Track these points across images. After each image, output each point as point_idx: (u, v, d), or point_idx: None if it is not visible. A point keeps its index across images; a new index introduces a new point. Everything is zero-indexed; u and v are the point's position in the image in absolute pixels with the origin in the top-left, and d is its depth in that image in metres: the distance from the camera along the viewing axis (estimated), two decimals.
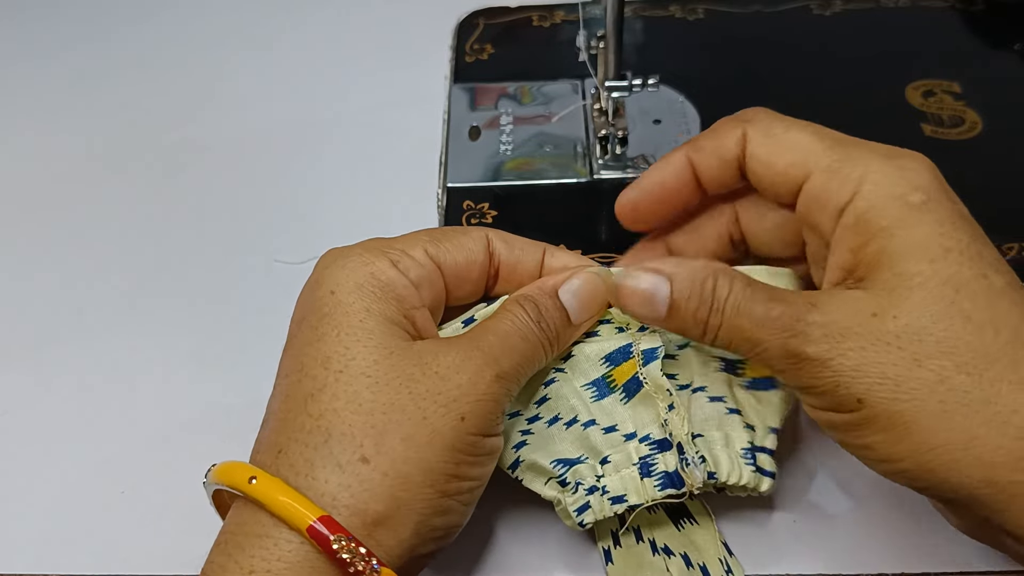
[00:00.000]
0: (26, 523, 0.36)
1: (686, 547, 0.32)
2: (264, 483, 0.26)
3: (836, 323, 0.27)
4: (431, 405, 0.27)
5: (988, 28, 0.54)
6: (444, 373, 0.28)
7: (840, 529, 0.33)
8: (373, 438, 0.27)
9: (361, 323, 0.28)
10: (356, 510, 0.26)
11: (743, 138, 0.31)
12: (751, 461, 0.31)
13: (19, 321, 0.44)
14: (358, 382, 0.27)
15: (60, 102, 0.56)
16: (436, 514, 0.27)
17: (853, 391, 0.26)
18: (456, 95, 0.53)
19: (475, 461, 0.28)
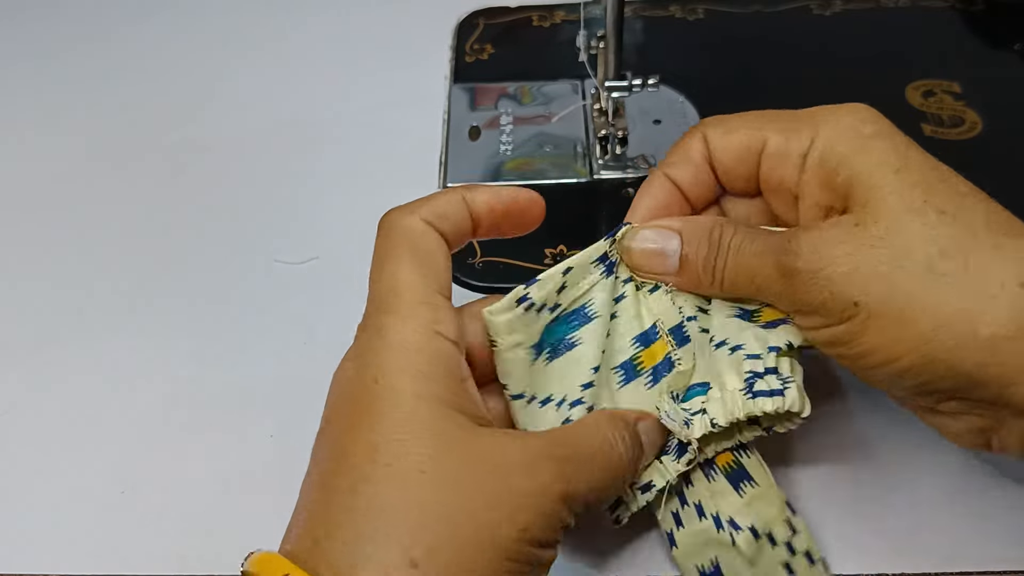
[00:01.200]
0: (26, 523, 0.36)
1: (751, 518, 0.31)
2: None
3: (822, 237, 0.28)
4: (490, 512, 0.25)
5: (988, 28, 0.54)
6: (507, 475, 0.26)
7: (840, 529, 0.33)
8: (424, 542, 0.24)
9: (412, 412, 0.26)
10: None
11: (704, 139, 0.32)
12: (748, 388, 0.30)
13: (19, 321, 0.44)
14: (410, 479, 0.25)
15: (60, 102, 0.56)
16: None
17: (848, 295, 0.27)
18: (456, 95, 0.53)
19: (532, 571, 0.26)
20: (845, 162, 0.29)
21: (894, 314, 0.27)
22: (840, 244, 0.28)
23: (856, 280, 0.27)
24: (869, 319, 0.27)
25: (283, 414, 0.38)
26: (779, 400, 0.30)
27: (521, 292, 0.30)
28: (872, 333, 0.27)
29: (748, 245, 0.30)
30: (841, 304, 0.28)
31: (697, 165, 0.33)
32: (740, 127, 0.32)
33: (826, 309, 0.28)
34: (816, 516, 0.34)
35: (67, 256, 0.46)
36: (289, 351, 0.41)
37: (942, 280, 0.27)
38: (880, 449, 0.35)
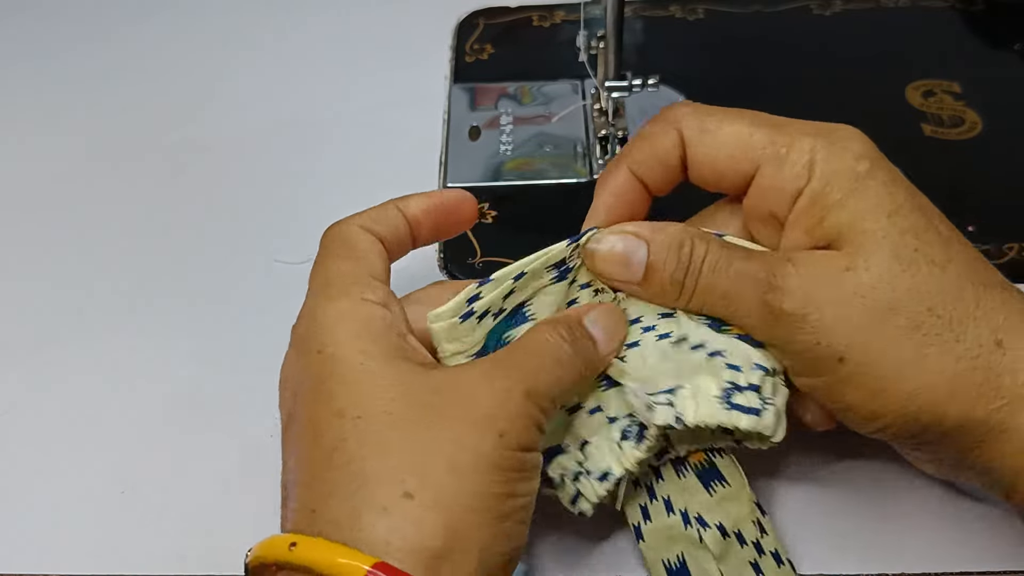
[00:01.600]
0: (26, 523, 0.36)
1: (720, 516, 0.31)
2: (305, 546, 0.24)
3: (812, 277, 0.28)
4: (464, 427, 0.26)
5: (988, 28, 0.54)
6: (469, 393, 0.27)
7: (840, 529, 0.33)
8: (413, 472, 0.25)
9: (362, 367, 0.27)
10: (412, 551, 0.24)
11: (680, 140, 0.31)
12: (726, 399, 0.29)
13: (19, 321, 0.44)
14: (380, 422, 0.26)
15: (60, 102, 0.56)
16: (497, 539, 0.26)
17: (835, 348, 0.27)
18: (456, 95, 0.53)
19: (523, 476, 0.27)
20: (839, 205, 0.28)
21: (879, 373, 0.27)
22: (829, 288, 0.27)
23: (843, 333, 0.27)
24: (852, 376, 0.27)
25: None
26: (755, 420, 0.29)
27: (473, 291, 0.30)
28: (854, 389, 0.27)
29: (725, 266, 0.29)
30: (826, 356, 0.27)
31: (670, 168, 0.32)
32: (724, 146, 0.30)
33: (809, 357, 0.28)
34: (816, 516, 0.34)
35: (67, 256, 0.46)
36: None
37: (926, 339, 0.27)
38: (880, 448, 0.35)
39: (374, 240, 0.31)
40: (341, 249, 0.31)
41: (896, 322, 0.27)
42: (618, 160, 0.33)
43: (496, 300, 0.31)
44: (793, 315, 0.27)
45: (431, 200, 0.33)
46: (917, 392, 0.27)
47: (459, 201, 0.33)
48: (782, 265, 0.28)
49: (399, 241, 0.32)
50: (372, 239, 0.31)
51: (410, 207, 0.33)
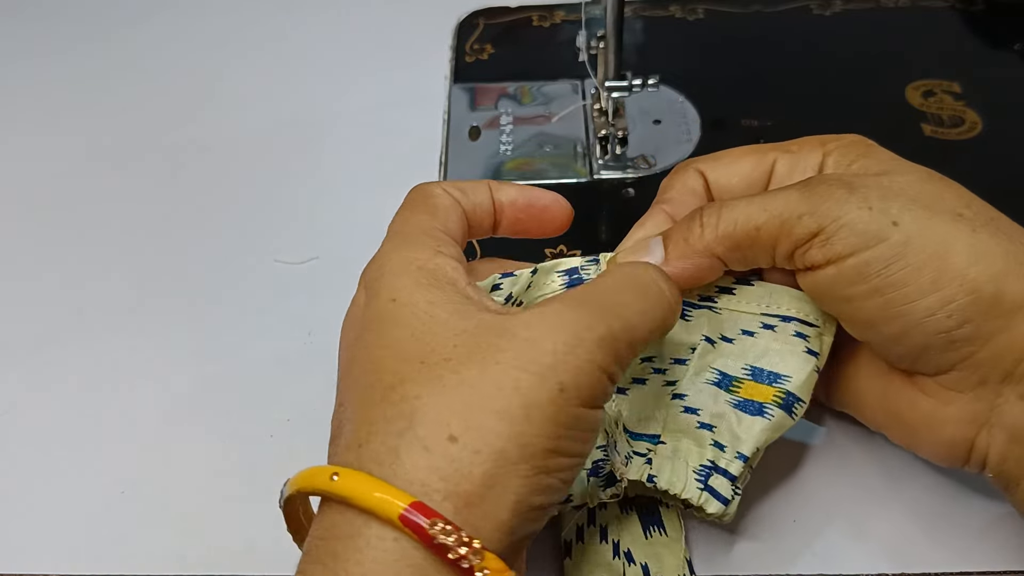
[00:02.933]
0: (26, 523, 0.36)
1: (649, 558, 0.31)
2: (347, 478, 0.24)
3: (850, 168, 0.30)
4: (522, 375, 0.25)
5: (988, 28, 0.54)
6: (535, 338, 0.25)
7: (840, 529, 0.33)
8: (461, 415, 0.24)
9: (430, 316, 0.27)
10: (448, 493, 0.24)
11: (699, 173, 0.33)
12: (703, 479, 0.30)
13: (20, 321, 0.44)
14: (440, 367, 0.25)
15: (60, 102, 0.56)
16: (535, 492, 0.25)
17: (887, 212, 0.27)
18: (456, 95, 0.53)
19: (578, 436, 0.26)
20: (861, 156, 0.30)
21: (932, 242, 0.27)
22: (872, 177, 0.28)
23: (893, 198, 0.28)
24: (909, 240, 0.27)
25: (283, 414, 0.38)
26: (722, 508, 0.30)
27: (496, 280, 0.31)
28: (913, 256, 0.27)
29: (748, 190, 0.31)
30: (880, 220, 0.27)
31: (698, 196, 0.32)
32: (739, 156, 0.32)
33: (861, 225, 0.27)
34: (816, 516, 0.34)
35: (67, 256, 0.46)
36: (289, 351, 0.41)
37: (973, 225, 0.27)
38: (881, 448, 0.35)
39: (454, 203, 0.31)
40: (422, 204, 0.31)
41: (941, 206, 0.28)
42: (650, 209, 0.33)
43: (520, 290, 0.31)
44: (839, 187, 0.28)
45: (523, 194, 0.33)
46: (976, 258, 0.27)
47: (551, 203, 0.33)
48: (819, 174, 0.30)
49: (480, 218, 0.32)
50: (454, 202, 0.31)
51: (500, 192, 0.32)
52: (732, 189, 0.32)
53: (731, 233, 0.29)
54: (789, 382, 0.31)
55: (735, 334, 0.32)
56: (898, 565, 0.32)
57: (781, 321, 0.32)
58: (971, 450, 0.29)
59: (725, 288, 0.32)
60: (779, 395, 0.31)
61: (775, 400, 0.31)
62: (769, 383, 0.31)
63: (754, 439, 0.30)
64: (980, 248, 0.27)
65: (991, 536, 0.32)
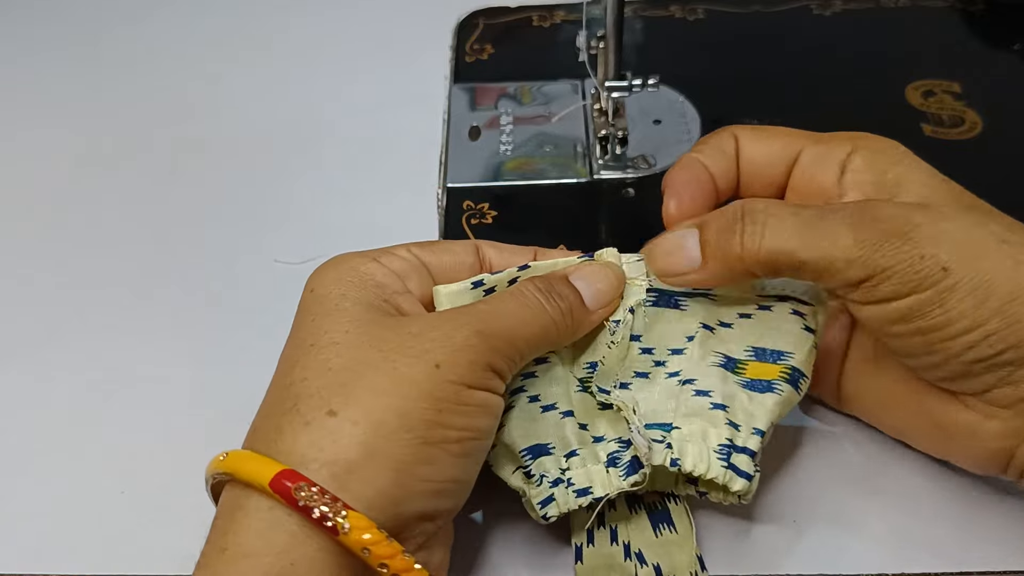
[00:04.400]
0: (26, 523, 0.36)
1: (660, 557, 0.31)
2: (233, 456, 0.26)
3: (900, 207, 0.29)
4: (401, 357, 0.27)
5: (988, 28, 0.54)
6: (418, 330, 0.28)
7: (840, 529, 0.33)
8: (340, 393, 0.26)
9: (336, 306, 0.29)
10: (325, 462, 0.25)
11: (734, 138, 0.33)
12: (724, 457, 0.30)
13: (20, 321, 0.43)
14: (328, 351, 0.28)
15: (59, 102, 0.56)
16: (419, 462, 0.26)
17: (938, 259, 0.27)
18: (456, 95, 0.53)
19: (461, 410, 0.27)
20: (895, 165, 0.30)
21: (979, 278, 0.27)
22: (922, 210, 0.28)
23: (945, 243, 0.27)
24: (956, 284, 0.27)
25: None
26: (746, 484, 0.30)
27: (478, 277, 0.32)
28: (958, 299, 0.27)
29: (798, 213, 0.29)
30: (930, 267, 0.27)
31: (729, 159, 0.33)
32: (773, 135, 0.33)
33: (911, 272, 0.27)
34: (816, 516, 0.34)
35: (66, 256, 0.46)
36: None
37: (1016, 249, 0.28)
38: (882, 449, 0.35)
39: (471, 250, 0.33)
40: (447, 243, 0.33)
41: (984, 234, 0.28)
42: (685, 156, 0.34)
43: (502, 283, 0.32)
44: (896, 235, 0.28)
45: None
46: (1016, 292, 0.27)
47: None
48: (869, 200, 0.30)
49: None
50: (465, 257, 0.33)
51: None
52: (754, 162, 0.33)
53: (773, 260, 0.29)
54: (792, 358, 0.32)
55: (733, 319, 0.33)
56: (898, 565, 0.32)
57: (777, 301, 0.33)
58: (1011, 459, 0.30)
59: None
60: (785, 371, 0.31)
61: (782, 376, 0.31)
62: (773, 361, 0.32)
63: (767, 414, 0.31)
64: (1022, 279, 0.27)
65: (991, 536, 0.32)
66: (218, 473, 0.27)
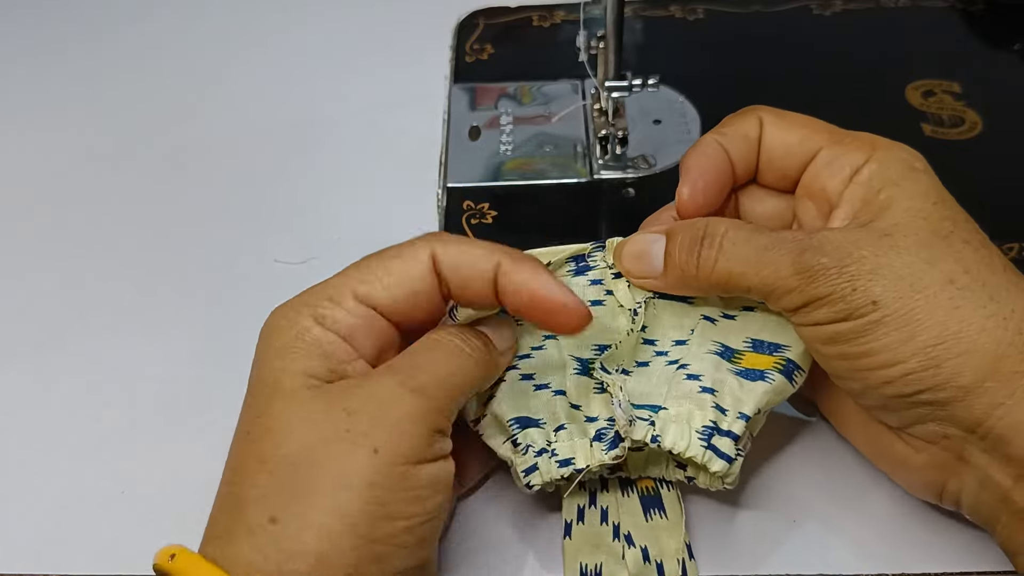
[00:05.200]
0: (26, 523, 0.36)
1: (648, 541, 0.32)
2: (181, 559, 0.25)
3: (848, 237, 0.29)
4: (338, 445, 0.25)
5: (988, 28, 0.54)
6: (353, 407, 0.26)
7: (840, 529, 0.33)
8: (282, 496, 0.25)
9: (275, 383, 0.27)
10: (272, 572, 0.24)
11: (759, 122, 0.33)
12: (706, 438, 0.30)
13: (20, 321, 0.43)
14: (263, 441, 0.26)
15: (59, 101, 0.56)
16: (366, 562, 0.25)
17: (869, 293, 0.28)
18: (456, 95, 0.53)
19: (407, 497, 0.26)
20: (892, 185, 0.30)
21: (909, 316, 0.27)
22: (867, 246, 0.28)
23: (879, 279, 0.28)
24: (884, 318, 0.28)
25: None
26: (725, 466, 0.30)
27: None
28: (883, 333, 0.28)
29: (747, 239, 0.30)
30: (860, 300, 0.28)
31: (749, 143, 0.33)
32: (799, 125, 0.33)
33: (842, 303, 0.28)
34: (816, 516, 0.34)
35: (66, 256, 0.46)
36: None
37: (961, 293, 0.28)
38: None
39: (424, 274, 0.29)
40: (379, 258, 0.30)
41: (932, 274, 0.28)
42: (705, 136, 0.34)
43: None
44: (832, 267, 0.28)
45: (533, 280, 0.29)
46: (944, 337, 0.27)
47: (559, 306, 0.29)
48: (816, 231, 0.30)
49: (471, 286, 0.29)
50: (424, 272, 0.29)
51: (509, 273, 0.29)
52: (773, 150, 0.33)
53: (723, 282, 0.30)
54: (789, 351, 0.32)
55: (736, 311, 0.33)
56: (898, 565, 0.32)
57: None
58: (943, 492, 0.30)
59: None
60: (780, 362, 0.32)
61: (776, 367, 0.32)
62: (769, 352, 0.32)
63: (755, 400, 0.31)
64: (953, 326, 0.27)
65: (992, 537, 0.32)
66: (166, 572, 0.26)
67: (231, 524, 0.26)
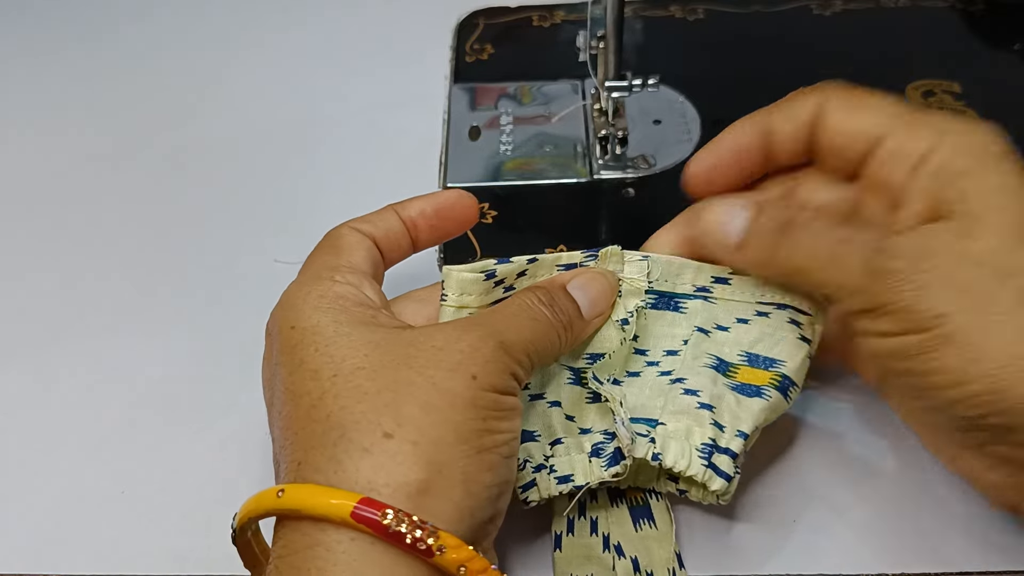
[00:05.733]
0: (26, 523, 0.36)
1: (638, 551, 0.32)
2: (293, 491, 0.25)
3: (921, 243, 0.27)
4: (437, 372, 0.27)
5: (988, 28, 0.54)
6: (441, 345, 0.28)
7: (839, 529, 0.33)
8: (390, 415, 0.26)
9: (335, 332, 0.28)
10: (397, 486, 0.25)
11: (817, 105, 0.31)
12: (706, 456, 0.30)
13: (20, 321, 0.43)
14: (356, 376, 0.27)
15: (59, 102, 0.56)
16: (481, 469, 0.26)
17: (935, 305, 0.26)
18: (456, 95, 0.53)
19: (501, 415, 0.28)
20: (965, 175, 0.28)
21: (976, 335, 0.26)
22: (938, 253, 0.27)
23: (948, 291, 0.26)
24: (950, 335, 0.26)
25: None
26: (724, 484, 0.30)
27: (491, 266, 0.32)
28: (948, 349, 0.26)
29: (827, 230, 0.29)
30: (927, 313, 0.26)
31: (799, 126, 0.32)
32: (867, 109, 0.31)
33: (908, 315, 0.27)
34: (815, 516, 0.34)
35: (66, 256, 0.46)
36: None
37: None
38: (882, 449, 0.35)
39: (362, 238, 0.33)
40: (327, 246, 0.33)
41: (1002, 292, 0.26)
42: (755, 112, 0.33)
43: (511, 275, 0.32)
44: (899, 273, 0.27)
45: (427, 202, 0.34)
46: (1013, 359, 0.25)
47: (456, 200, 0.34)
48: (891, 233, 0.28)
49: (395, 242, 0.33)
50: (360, 236, 0.33)
51: (406, 210, 0.34)
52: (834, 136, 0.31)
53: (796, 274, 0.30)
54: (784, 366, 0.32)
55: (730, 322, 0.33)
56: (898, 565, 0.32)
57: (775, 309, 0.33)
58: (1017, 510, 0.29)
59: (720, 278, 0.33)
60: (776, 378, 0.32)
61: (772, 383, 0.31)
62: (765, 368, 0.32)
63: (753, 418, 0.31)
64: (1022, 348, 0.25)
65: (992, 537, 0.32)
66: (275, 510, 0.25)
67: (336, 452, 0.25)
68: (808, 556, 0.33)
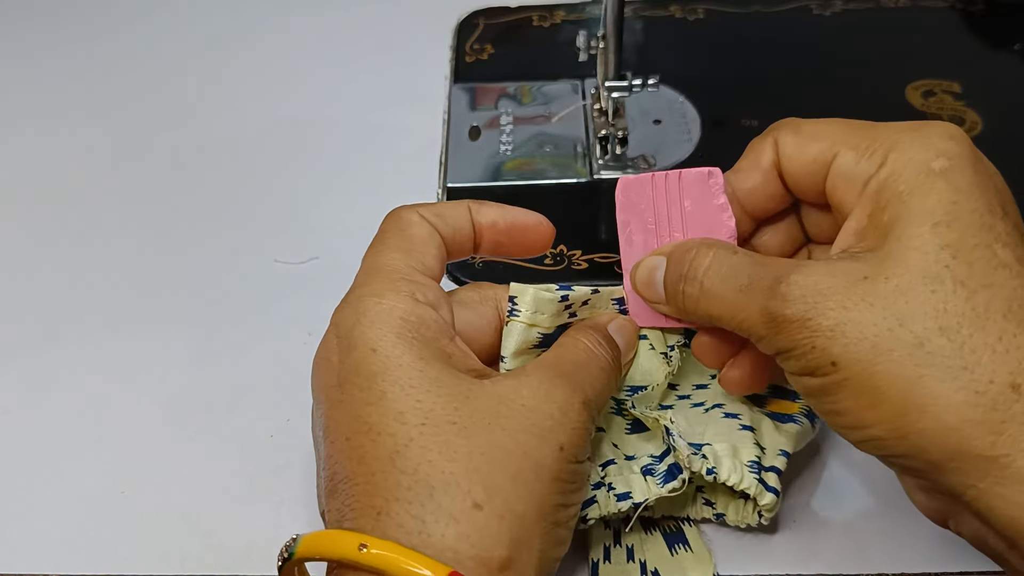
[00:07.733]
0: (26, 523, 0.36)
1: (675, 572, 0.32)
2: (379, 548, 0.24)
3: (819, 284, 0.26)
4: (529, 439, 0.26)
5: (988, 28, 0.54)
6: (532, 404, 0.27)
7: (839, 529, 0.33)
8: (480, 483, 0.25)
9: (421, 373, 0.27)
10: (481, 560, 0.25)
11: (774, 143, 0.30)
12: (755, 472, 0.31)
13: (20, 321, 0.43)
14: (446, 431, 0.26)
15: (59, 102, 0.56)
16: (553, 546, 0.27)
17: (828, 352, 0.25)
18: (456, 95, 0.53)
19: (576, 487, 0.28)
20: (895, 200, 0.27)
21: (871, 383, 0.25)
22: (837, 295, 0.26)
23: (839, 338, 0.25)
24: (845, 381, 0.25)
25: (283, 414, 0.38)
26: (774, 500, 0.31)
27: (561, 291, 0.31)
28: (846, 395, 0.26)
29: (729, 275, 0.28)
30: (820, 360, 0.26)
31: (765, 172, 0.31)
32: (815, 137, 0.29)
33: (804, 360, 0.26)
34: (816, 516, 0.34)
35: (67, 255, 0.46)
36: (289, 351, 0.41)
37: (931, 360, 0.24)
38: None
39: (432, 232, 0.31)
40: (396, 233, 0.31)
41: (900, 336, 0.25)
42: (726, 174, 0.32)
43: (577, 301, 0.31)
44: (794, 320, 0.26)
45: (504, 215, 0.32)
46: (907, 409, 0.25)
47: (535, 225, 0.33)
48: (789, 270, 0.27)
49: (459, 244, 0.32)
50: (431, 230, 0.31)
51: (480, 213, 0.32)
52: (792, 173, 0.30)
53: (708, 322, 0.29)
54: None
55: None
56: (898, 565, 0.32)
57: None
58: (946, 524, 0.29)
59: None
60: (805, 408, 0.33)
61: (801, 412, 0.33)
62: (792, 399, 0.33)
63: (791, 439, 0.32)
64: (917, 398, 0.24)
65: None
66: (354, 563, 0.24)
67: (422, 512, 0.25)
68: (808, 556, 0.33)
